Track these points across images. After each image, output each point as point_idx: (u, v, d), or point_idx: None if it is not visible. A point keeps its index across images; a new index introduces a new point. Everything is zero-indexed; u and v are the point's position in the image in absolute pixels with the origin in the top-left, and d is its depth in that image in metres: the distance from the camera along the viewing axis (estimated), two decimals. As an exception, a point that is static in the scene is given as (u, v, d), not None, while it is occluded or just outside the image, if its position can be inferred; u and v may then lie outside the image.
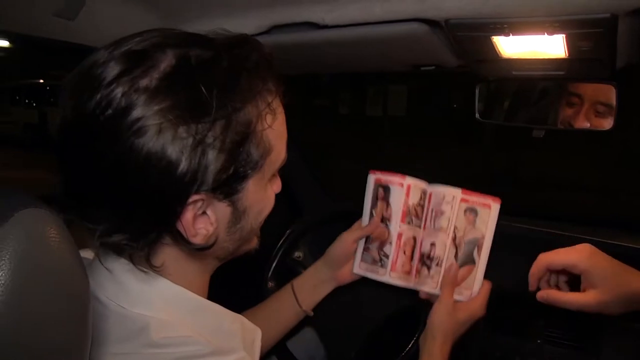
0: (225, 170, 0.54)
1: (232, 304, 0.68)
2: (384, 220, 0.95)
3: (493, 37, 0.78)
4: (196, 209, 0.55)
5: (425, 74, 1.01)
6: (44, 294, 0.38)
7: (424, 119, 11.08)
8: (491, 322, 1.07)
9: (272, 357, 1.07)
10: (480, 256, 0.90)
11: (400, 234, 0.94)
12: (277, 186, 0.66)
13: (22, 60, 15.10)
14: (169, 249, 0.58)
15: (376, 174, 0.98)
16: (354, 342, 1.12)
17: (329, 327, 0.99)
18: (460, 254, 0.90)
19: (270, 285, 1.22)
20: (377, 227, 0.95)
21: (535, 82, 1.08)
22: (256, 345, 0.71)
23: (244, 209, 0.60)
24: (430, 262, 0.92)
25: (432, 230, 0.94)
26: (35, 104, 13.10)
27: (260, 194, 0.62)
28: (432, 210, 0.95)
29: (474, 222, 0.91)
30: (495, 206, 0.90)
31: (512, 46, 0.81)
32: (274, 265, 1.21)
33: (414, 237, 0.94)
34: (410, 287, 0.93)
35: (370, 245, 0.96)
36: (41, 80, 13.57)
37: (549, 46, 0.79)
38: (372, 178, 0.98)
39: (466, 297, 0.89)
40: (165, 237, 0.57)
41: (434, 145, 8.58)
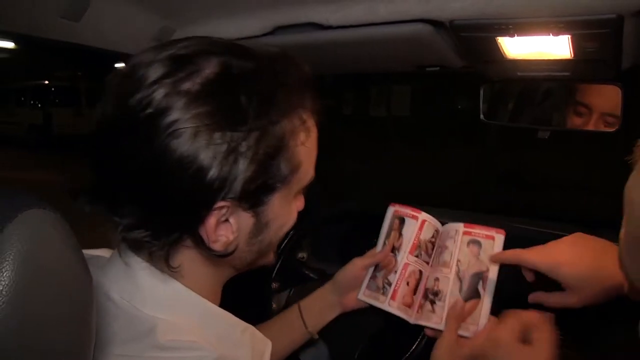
0: (254, 181, 0.55)
1: (234, 303, 0.68)
2: (394, 249, 0.95)
3: (498, 37, 0.78)
4: (220, 215, 0.55)
5: (429, 74, 1.01)
6: (47, 294, 0.38)
7: (428, 119, 11.06)
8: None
9: None
10: (485, 290, 0.86)
11: (406, 264, 0.93)
12: (300, 203, 0.66)
13: (27, 62, 15.19)
14: (188, 252, 0.59)
15: (395, 206, 0.99)
16: (357, 343, 1.12)
17: (332, 328, 0.99)
18: (464, 287, 0.88)
19: (274, 285, 1.22)
20: (387, 255, 0.95)
21: (540, 83, 1.08)
22: (266, 357, 0.71)
23: (266, 221, 0.60)
24: (433, 297, 0.90)
25: (436, 266, 0.93)
26: (40, 105, 13.16)
27: (284, 209, 0.62)
28: (438, 247, 0.94)
29: (478, 254, 0.89)
30: (499, 237, 0.88)
31: (517, 47, 0.81)
32: (277, 265, 1.21)
33: (420, 271, 0.94)
34: (411, 321, 0.91)
35: (377, 274, 0.95)
36: (46, 82, 13.63)
37: (554, 47, 0.79)
38: (391, 210, 0.99)
39: (472, 332, 0.84)
40: (186, 240, 0.57)
41: (438, 146, 8.57)
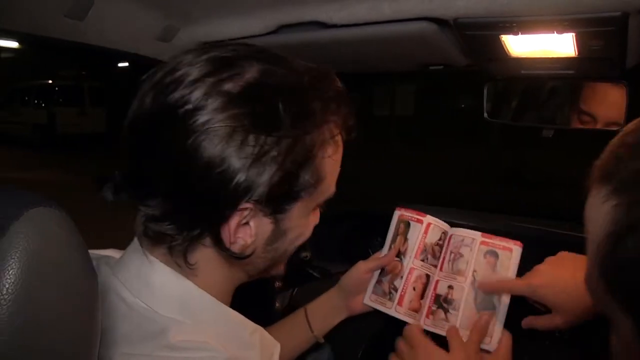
0: (279, 187, 0.55)
1: (238, 302, 0.68)
2: (400, 254, 0.94)
3: (502, 35, 0.77)
4: (242, 217, 0.56)
5: (432, 73, 1.01)
6: (53, 291, 0.38)
7: (431, 119, 11.05)
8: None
9: None
10: (500, 302, 0.86)
11: (412, 269, 0.92)
12: (316, 217, 0.67)
13: (31, 61, 15.24)
14: (206, 250, 0.59)
15: (401, 210, 0.98)
16: (359, 344, 1.12)
17: (335, 328, 0.99)
18: (479, 299, 0.87)
19: (278, 284, 1.22)
20: (392, 259, 0.94)
21: (544, 81, 1.08)
22: (274, 359, 0.71)
23: (285, 229, 0.61)
24: (447, 306, 0.90)
25: (450, 273, 0.92)
26: (44, 105, 13.20)
27: (303, 220, 0.63)
28: (451, 253, 0.93)
29: (495, 265, 0.88)
30: (517, 249, 0.87)
31: (521, 45, 0.81)
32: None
33: (427, 275, 0.93)
34: (423, 327, 0.90)
35: (383, 278, 0.95)
36: (50, 81, 13.67)
37: (559, 45, 0.78)
38: (397, 214, 0.98)
39: (486, 344, 0.84)
40: (206, 238, 0.57)
41: (441, 145, 8.56)
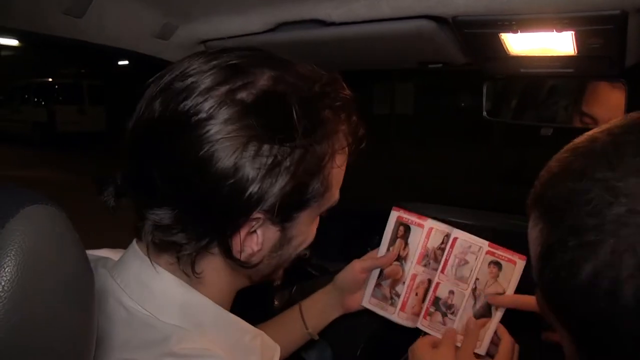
0: (290, 197, 0.55)
1: (237, 300, 0.68)
2: (400, 259, 0.94)
3: (501, 34, 0.77)
4: (251, 226, 0.56)
5: (432, 72, 1.01)
6: (49, 289, 0.38)
7: (431, 117, 11.05)
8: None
9: None
10: (497, 310, 0.88)
11: (414, 275, 0.92)
12: (317, 222, 0.67)
13: (31, 59, 15.24)
14: (213, 259, 0.59)
15: (400, 211, 0.96)
16: (358, 342, 1.12)
17: (333, 326, 0.99)
18: (478, 306, 0.89)
19: (276, 283, 1.22)
20: (390, 262, 0.94)
21: (543, 79, 1.07)
22: None
23: (290, 237, 0.61)
24: (446, 310, 0.91)
25: (452, 278, 0.92)
26: (43, 103, 13.19)
27: (308, 227, 0.63)
28: (455, 257, 0.93)
29: (497, 275, 0.89)
30: (520, 263, 0.88)
31: (521, 43, 0.81)
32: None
33: (428, 280, 0.93)
34: (417, 326, 0.92)
35: (382, 282, 0.95)
36: (50, 79, 13.66)
37: (558, 43, 0.78)
38: (395, 215, 0.97)
39: (477, 347, 0.87)
40: (214, 247, 0.57)
41: (441, 144, 8.56)
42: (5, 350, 0.35)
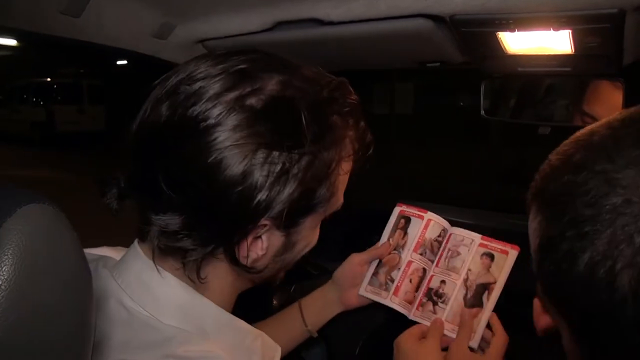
0: (297, 204, 0.55)
1: (236, 300, 0.68)
2: (398, 247, 0.96)
3: (498, 32, 0.77)
4: (256, 232, 0.56)
5: (431, 71, 1.01)
6: (46, 288, 0.38)
7: (431, 116, 11.05)
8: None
9: None
10: (489, 300, 0.88)
11: (410, 262, 0.94)
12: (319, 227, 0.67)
13: (30, 59, 15.22)
14: (218, 264, 0.59)
15: (402, 206, 1.00)
16: (357, 339, 1.12)
17: (332, 324, 0.99)
18: (469, 295, 0.90)
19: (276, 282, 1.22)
20: (386, 251, 0.95)
21: (541, 78, 1.08)
22: None
23: (295, 241, 0.60)
24: (437, 299, 0.92)
25: (444, 269, 0.94)
26: (42, 103, 13.18)
27: (312, 231, 0.63)
28: (449, 250, 0.95)
29: (489, 266, 0.90)
30: (513, 253, 0.89)
31: (518, 42, 0.81)
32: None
33: (424, 269, 0.94)
34: (410, 317, 0.92)
35: (379, 270, 0.96)
36: (48, 79, 13.65)
37: (555, 42, 0.78)
38: (397, 210, 1.00)
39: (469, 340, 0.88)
40: (220, 252, 0.57)
41: (441, 143, 8.56)
42: (2, 349, 0.35)
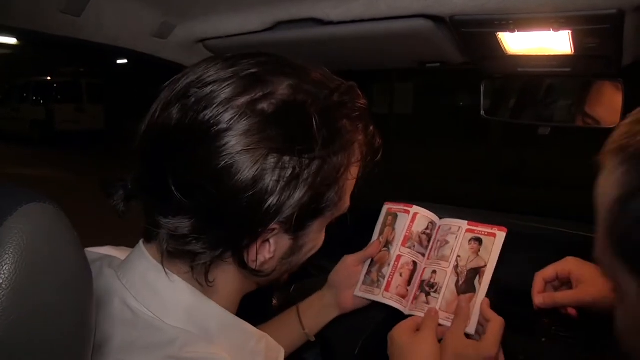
0: (306, 208, 0.55)
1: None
2: (388, 244, 0.97)
3: (498, 33, 0.77)
4: (265, 236, 0.56)
5: (431, 71, 1.01)
6: (47, 287, 0.38)
7: (430, 116, 11.05)
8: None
9: None
10: (481, 284, 0.88)
11: (399, 256, 0.94)
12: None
13: (30, 58, 15.21)
14: (226, 267, 0.59)
15: (389, 204, 1.01)
16: (357, 338, 1.12)
17: (333, 323, 0.99)
18: (461, 282, 0.89)
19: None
20: (377, 250, 0.96)
21: (540, 79, 1.08)
22: None
23: (302, 244, 0.61)
24: (429, 289, 0.91)
25: (435, 259, 0.94)
26: (42, 101, 13.17)
27: (319, 234, 0.63)
28: (438, 241, 0.95)
29: (478, 251, 0.90)
30: (500, 235, 0.89)
31: (518, 43, 0.81)
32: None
33: (414, 262, 0.94)
34: (406, 312, 0.92)
35: (372, 269, 0.96)
36: (48, 78, 13.63)
37: (555, 43, 0.78)
38: (385, 208, 1.01)
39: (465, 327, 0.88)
40: (228, 256, 0.57)
41: (440, 143, 8.56)
42: (3, 347, 0.35)
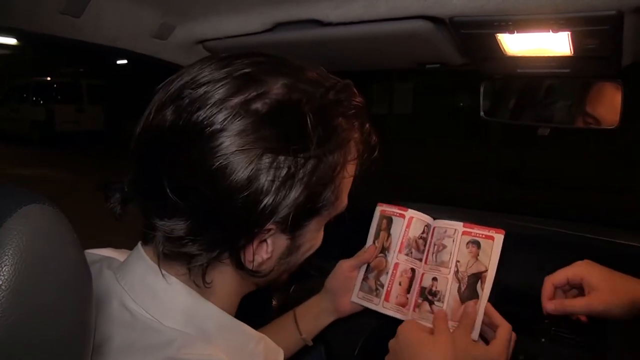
0: (302, 207, 0.55)
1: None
2: (384, 250, 0.95)
3: (498, 34, 0.77)
4: (262, 236, 0.56)
5: (430, 71, 1.01)
6: (46, 288, 0.38)
7: (430, 117, 11.06)
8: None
9: None
10: (483, 289, 0.87)
11: (397, 264, 0.93)
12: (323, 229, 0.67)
13: (30, 59, 15.20)
14: (223, 268, 0.59)
15: (383, 206, 0.99)
16: (356, 341, 1.12)
17: (331, 325, 0.99)
18: (463, 288, 0.88)
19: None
20: (373, 255, 0.95)
21: (540, 79, 1.08)
22: None
23: (299, 244, 0.61)
24: (432, 298, 0.90)
25: (433, 265, 0.93)
26: (42, 102, 13.16)
27: (316, 234, 0.63)
28: (434, 245, 0.94)
29: (477, 255, 0.89)
30: (498, 237, 0.88)
31: (517, 44, 0.81)
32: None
33: (412, 269, 0.93)
34: (407, 320, 0.90)
35: (369, 275, 0.96)
36: (48, 78, 13.63)
37: (554, 44, 0.78)
38: (379, 210, 0.99)
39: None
40: (225, 257, 0.57)
41: (440, 144, 8.57)
42: (3, 347, 0.35)
